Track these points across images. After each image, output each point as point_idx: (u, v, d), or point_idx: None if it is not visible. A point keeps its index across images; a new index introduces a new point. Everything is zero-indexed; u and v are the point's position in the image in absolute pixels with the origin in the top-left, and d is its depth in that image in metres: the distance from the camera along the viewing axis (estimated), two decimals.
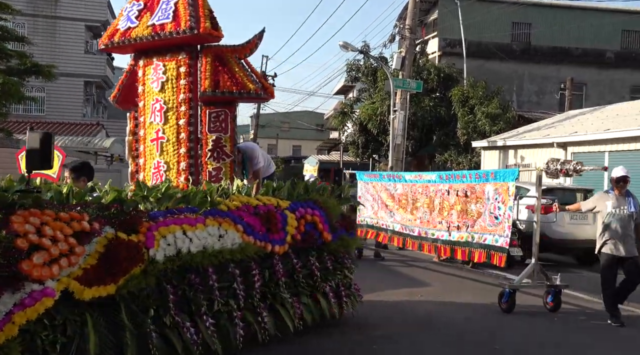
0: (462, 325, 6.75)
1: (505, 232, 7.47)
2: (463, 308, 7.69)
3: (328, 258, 5.93)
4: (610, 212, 7.01)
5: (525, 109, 25.58)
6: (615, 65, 27.81)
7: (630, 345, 6.32)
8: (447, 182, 8.87)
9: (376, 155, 25.81)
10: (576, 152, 15.98)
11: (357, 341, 5.82)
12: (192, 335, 4.08)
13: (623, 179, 7.10)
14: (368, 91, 25.14)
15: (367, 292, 8.04)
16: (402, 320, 6.87)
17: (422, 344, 5.91)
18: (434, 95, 23.26)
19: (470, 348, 5.89)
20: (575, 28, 27.27)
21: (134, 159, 6.36)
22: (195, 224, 4.28)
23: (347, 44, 19.41)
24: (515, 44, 27.54)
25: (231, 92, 5.53)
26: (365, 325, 6.40)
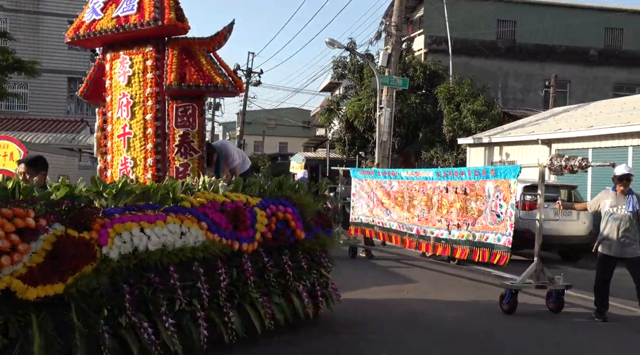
0: (451, 323, 6.67)
1: (507, 230, 7.27)
2: (453, 306, 7.61)
3: (302, 257, 5.76)
4: (607, 211, 6.87)
5: (510, 106, 25.61)
6: (599, 63, 27.89)
7: (629, 346, 6.19)
8: (445, 179, 8.59)
9: (362, 152, 25.72)
10: (560, 148, 15.95)
11: (342, 340, 5.69)
12: (150, 336, 3.90)
13: (626, 177, 6.87)
14: (354, 88, 25.04)
15: (353, 289, 8.00)
16: (389, 319, 6.76)
17: (409, 342, 5.80)
18: (420, 92, 23.21)
19: (461, 347, 5.79)
20: (559, 26, 27.34)
21: (103, 156, 6.19)
22: (154, 221, 4.11)
23: (333, 41, 19.28)
24: (500, 42, 27.55)
25: (198, 86, 5.33)
26: (350, 323, 6.28)
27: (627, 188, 6.88)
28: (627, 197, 6.83)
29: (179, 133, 5.60)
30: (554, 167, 6.91)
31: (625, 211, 6.76)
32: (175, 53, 5.44)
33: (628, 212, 6.77)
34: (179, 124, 5.56)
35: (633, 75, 27.93)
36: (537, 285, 7.32)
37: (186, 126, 5.59)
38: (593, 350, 6.00)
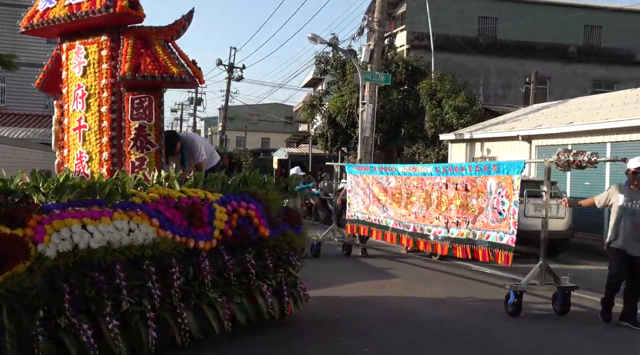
0: (433, 319, 6.60)
1: (510, 228, 6.93)
2: (437, 302, 7.52)
3: (268, 255, 5.51)
4: (622, 206, 6.45)
5: (492, 102, 25.62)
6: (578, 60, 28.03)
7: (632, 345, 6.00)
8: (445, 174, 8.18)
9: (345, 148, 25.60)
10: (540, 145, 15.93)
11: (320, 340, 5.53)
12: (89, 339, 3.67)
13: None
14: (337, 84, 24.90)
15: (334, 285, 8.06)
16: (371, 315, 6.65)
17: (395, 340, 5.68)
18: (402, 88, 23.14)
19: (447, 341, 5.74)
20: (539, 22, 27.37)
21: (61, 150, 5.93)
22: (99, 217, 3.87)
23: (315, 36, 19.11)
24: (481, 38, 27.55)
25: (153, 76, 5.06)
26: (330, 321, 6.16)
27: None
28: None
29: (135, 126, 5.33)
30: (562, 163, 6.57)
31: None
32: (131, 42, 5.19)
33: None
34: (135, 116, 5.30)
35: (611, 72, 28.07)
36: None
37: (142, 119, 5.32)
38: (594, 351, 5.82)
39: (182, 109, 60.85)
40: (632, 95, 16.17)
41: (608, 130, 13.38)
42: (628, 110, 13.99)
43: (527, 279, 6.84)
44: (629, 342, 6.06)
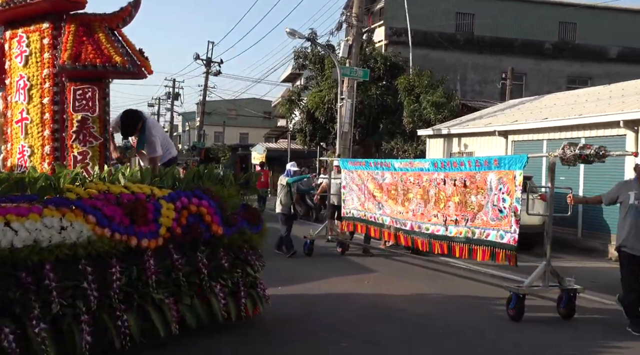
0: (406, 314, 6.59)
1: (512, 227, 6.59)
2: (415, 297, 7.52)
3: (223, 254, 5.25)
4: (633, 204, 6.04)
5: (469, 97, 25.65)
6: (553, 56, 28.13)
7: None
8: (443, 170, 7.81)
9: (324, 143, 25.46)
10: (516, 140, 15.95)
11: (279, 340, 5.39)
12: (11, 343, 3.40)
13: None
14: (315, 79, 24.73)
15: (313, 280, 8.13)
16: (349, 310, 6.64)
17: (369, 333, 5.67)
18: (381, 83, 23.06)
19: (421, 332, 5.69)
20: (515, 19, 27.47)
21: (5, 144, 5.63)
22: (26, 214, 3.60)
23: (293, 31, 18.93)
24: (459, 34, 27.52)
25: (94, 66, 4.75)
26: (304, 317, 6.11)
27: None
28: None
29: (77, 118, 5.02)
30: (567, 157, 6.07)
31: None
32: (72, 30, 4.87)
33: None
34: (77, 108, 4.99)
35: (585, 68, 28.23)
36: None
37: (85, 111, 5.02)
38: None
39: (159, 104, 60.27)
40: (605, 91, 16.25)
41: (582, 126, 13.40)
42: (601, 106, 14.06)
43: (530, 281, 6.50)
44: (632, 348, 5.67)
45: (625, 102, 13.31)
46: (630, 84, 16.00)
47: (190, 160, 29.35)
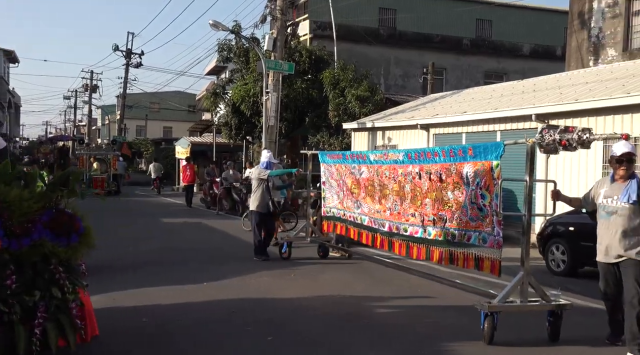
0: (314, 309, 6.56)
1: (494, 228, 5.57)
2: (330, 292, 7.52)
3: (10, 273, 4.25)
4: (600, 204, 5.23)
5: (392, 91, 26.31)
6: (471, 52, 29.30)
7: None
8: (417, 162, 6.75)
9: (250, 137, 25.43)
10: (437, 133, 16.56)
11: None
12: None
13: (626, 156, 5.02)
14: (240, 72, 24.58)
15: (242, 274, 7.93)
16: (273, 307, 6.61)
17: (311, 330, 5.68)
18: (306, 77, 23.17)
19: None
20: (435, 15, 28.32)
21: None
22: None
23: (217, 23, 18.70)
24: (382, 29, 28.14)
25: None
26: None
27: (628, 172, 5.07)
28: (628, 183, 5.05)
29: None
30: (546, 143, 5.06)
31: (621, 202, 5.03)
32: None
33: (623, 203, 5.02)
34: None
35: (501, 64, 29.67)
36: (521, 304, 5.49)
37: None
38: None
39: (75, 96, 57.93)
40: (519, 86, 17.11)
41: (498, 119, 14.10)
42: (515, 100, 14.79)
43: (502, 296, 5.38)
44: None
45: (537, 97, 14.09)
46: (541, 80, 16.96)
47: (110, 155, 28.50)
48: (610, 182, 5.21)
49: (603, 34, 17.78)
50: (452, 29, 28.79)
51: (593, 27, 18.06)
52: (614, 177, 5.16)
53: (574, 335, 5.61)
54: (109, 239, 12.08)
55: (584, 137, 4.92)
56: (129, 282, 7.79)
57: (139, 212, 18.71)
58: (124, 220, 16.19)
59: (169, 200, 24.14)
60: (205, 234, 13.70)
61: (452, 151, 6.10)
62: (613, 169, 5.17)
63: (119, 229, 14.02)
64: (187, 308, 6.58)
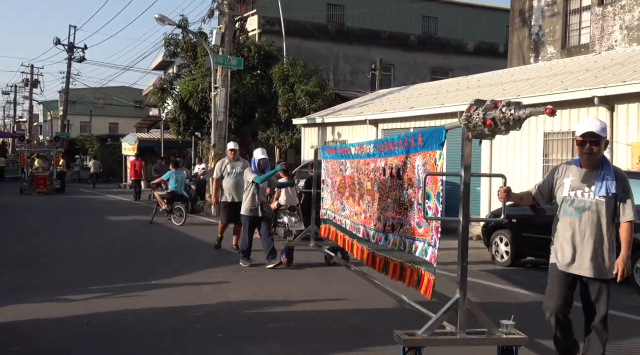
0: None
1: (432, 237, 4.46)
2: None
3: None
4: (566, 197, 4.07)
5: (341, 87, 26.49)
6: (418, 49, 29.81)
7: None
8: (384, 155, 5.73)
9: (199, 133, 25.14)
10: (385, 128, 16.74)
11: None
12: None
13: (589, 137, 3.92)
14: (188, 67, 24.27)
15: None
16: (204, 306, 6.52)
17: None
18: (255, 72, 23.13)
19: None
20: (383, 11, 28.63)
21: None
22: None
23: (163, 17, 18.39)
24: (330, 25, 28.29)
25: None
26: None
27: (594, 157, 3.94)
28: (599, 173, 3.96)
29: None
30: (474, 124, 3.81)
31: (596, 196, 3.94)
32: None
33: (599, 197, 3.93)
34: None
35: (447, 60, 30.28)
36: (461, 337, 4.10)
37: None
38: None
39: (15, 92, 55.93)
40: (463, 82, 17.52)
41: (445, 115, 14.28)
42: (461, 96, 15.07)
43: (428, 327, 4.06)
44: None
45: (481, 92, 14.32)
46: (485, 76, 17.38)
47: (53, 152, 27.62)
48: (577, 170, 4.07)
49: (543, 31, 18.38)
50: (399, 26, 29.18)
51: (533, 25, 18.64)
52: (581, 164, 4.06)
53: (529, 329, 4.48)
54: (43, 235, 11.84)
55: (508, 113, 3.63)
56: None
57: (84, 210, 18.17)
58: (68, 219, 15.75)
59: (115, 198, 23.57)
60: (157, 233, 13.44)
61: (407, 140, 5.10)
62: (579, 153, 4.09)
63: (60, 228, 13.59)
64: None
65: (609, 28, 16.42)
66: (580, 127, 4.02)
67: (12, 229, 13.79)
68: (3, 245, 11.08)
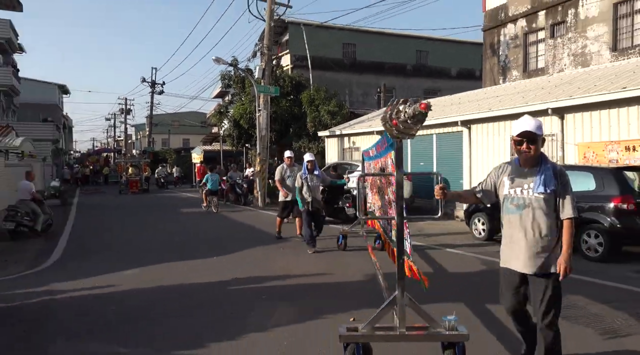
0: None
1: (405, 232, 3.55)
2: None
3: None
4: (507, 196, 3.21)
5: (355, 107, 26.38)
6: (413, 75, 29.54)
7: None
8: (379, 156, 4.91)
9: (248, 145, 25.35)
10: None
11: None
12: None
13: (526, 136, 3.08)
14: (239, 95, 24.50)
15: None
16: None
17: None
18: (289, 97, 23.19)
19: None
20: (386, 47, 28.50)
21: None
22: None
23: (219, 59, 18.63)
24: (345, 59, 28.21)
25: None
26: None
27: (532, 155, 3.10)
28: (538, 170, 3.12)
29: None
30: (386, 121, 3.05)
31: (534, 192, 3.10)
32: None
33: (538, 193, 3.08)
34: None
35: (436, 83, 29.92)
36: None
37: None
38: None
39: (114, 118, 57.10)
40: (448, 100, 17.28)
41: (433, 125, 14.18)
42: (446, 110, 14.91)
43: (371, 322, 3.27)
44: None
45: (461, 108, 14.26)
46: (466, 95, 17.12)
47: (141, 162, 28.26)
48: (517, 168, 3.22)
49: (508, 59, 18.04)
50: (398, 58, 29.00)
51: (501, 55, 18.31)
52: (520, 162, 3.20)
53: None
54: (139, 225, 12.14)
55: (404, 111, 2.76)
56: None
57: (165, 204, 18.53)
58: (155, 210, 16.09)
59: (187, 195, 23.97)
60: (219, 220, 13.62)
61: (381, 143, 4.27)
62: (516, 152, 3.18)
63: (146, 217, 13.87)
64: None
65: (559, 55, 16.04)
66: (516, 126, 3.13)
67: (116, 216, 14.20)
68: (113, 227, 11.39)
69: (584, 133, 9.80)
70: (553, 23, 16.29)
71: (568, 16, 15.75)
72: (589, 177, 7.49)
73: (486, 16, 18.91)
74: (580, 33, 15.37)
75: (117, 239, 10.13)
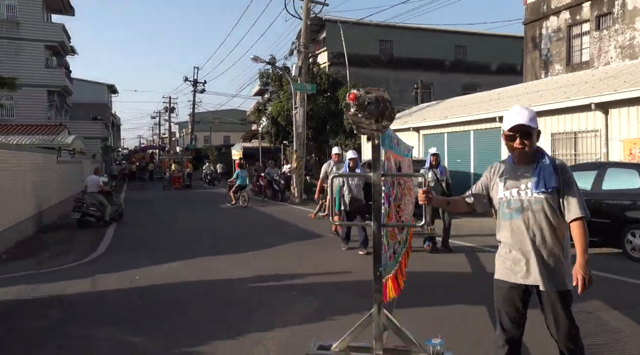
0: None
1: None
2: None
3: None
4: (502, 199, 2.65)
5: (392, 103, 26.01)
6: (451, 70, 28.89)
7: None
8: (395, 149, 3.69)
9: (286, 142, 25.56)
10: (425, 134, 16.44)
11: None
12: None
13: (519, 130, 2.54)
14: (277, 93, 24.71)
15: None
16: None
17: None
18: (326, 95, 23.15)
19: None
20: (422, 43, 28.02)
21: None
22: None
23: (257, 57, 18.90)
24: (382, 56, 27.92)
25: None
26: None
27: (527, 150, 2.57)
28: (535, 167, 2.57)
29: None
30: (352, 114, 2.47)
31: (533, 193, 2.55)
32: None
33: (537, 193, 2.54)
34: None
35: (475, 79, 29.14)
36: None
37: None
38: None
39: (159, 116, 59.07)
40: (487, 96, 16.87)
41: (472, 122, 14.00)
42: (485, 106, 14.63)
43: (340, 341, 2.76)
44: None
45: (500, 104, 13.90)
46: (505, 90, 16.65)
47: (184, 158, 29.08)
48: (511, 166, 2.67)
49: (551, 53, 17.34)
50: (436, 53, 28.43)
51: (543, 48, 17.62)
52: (514, 160, 2.66)
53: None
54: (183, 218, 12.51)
55: (361, 99, 2.39)
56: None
57: (206, 199, 19.00)
58: (196, 204, 16.51)
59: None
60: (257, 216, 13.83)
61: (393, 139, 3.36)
62: (509, 150, 2.65)
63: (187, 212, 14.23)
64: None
65: (605, 47, 15.27)
66: (507, 120, 2.57)
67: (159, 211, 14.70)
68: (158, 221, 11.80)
69: (630, 129, 9.31)
70: (599, 14, 15.53)
71: (615, 7, 14.97)
72: (634, 175, 7.15)
73: (527, 9, 18.24)
74: (628, 24, 14.58)
75: (155, 233, 10.46)
